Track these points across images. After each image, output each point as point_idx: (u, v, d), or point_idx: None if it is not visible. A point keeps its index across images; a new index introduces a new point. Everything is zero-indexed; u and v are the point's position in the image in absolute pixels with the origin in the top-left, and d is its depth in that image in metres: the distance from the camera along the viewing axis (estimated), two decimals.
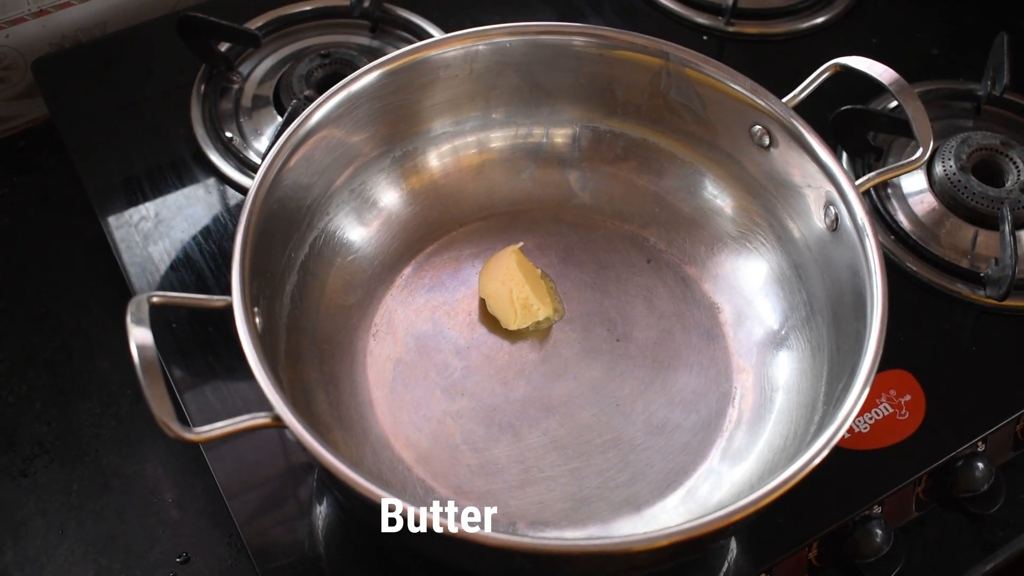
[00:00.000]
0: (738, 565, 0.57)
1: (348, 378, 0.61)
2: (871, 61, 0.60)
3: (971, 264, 0.69)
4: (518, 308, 0.62)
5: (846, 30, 0.84)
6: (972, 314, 0.67)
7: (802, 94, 0.61)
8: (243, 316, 0.50)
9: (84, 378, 0.67)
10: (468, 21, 0.78)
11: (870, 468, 0.60)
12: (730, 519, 0.45)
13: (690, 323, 0.64)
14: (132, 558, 0.60)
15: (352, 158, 0.63)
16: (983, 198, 0.70)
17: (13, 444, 0.64)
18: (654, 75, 0.63)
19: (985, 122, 0.77)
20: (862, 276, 0.54)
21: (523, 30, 0.63)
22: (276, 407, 0.47)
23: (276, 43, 0.79)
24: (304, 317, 0.60)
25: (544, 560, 0.47)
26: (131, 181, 0.71)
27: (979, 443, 0.62)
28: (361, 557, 0.57)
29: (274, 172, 0.56)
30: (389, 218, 0.66)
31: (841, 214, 0.57)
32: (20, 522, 0.61)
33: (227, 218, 0.70)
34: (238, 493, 0.58)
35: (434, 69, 0.63)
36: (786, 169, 0.61)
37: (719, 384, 0.61)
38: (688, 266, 0.66)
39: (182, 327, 0.64)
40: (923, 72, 0.79)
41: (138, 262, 0.67)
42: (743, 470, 0.58)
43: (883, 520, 0.59)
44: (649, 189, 0.68)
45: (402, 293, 0.65)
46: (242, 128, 0.74)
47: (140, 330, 0.46)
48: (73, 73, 0.77)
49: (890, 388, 0.63)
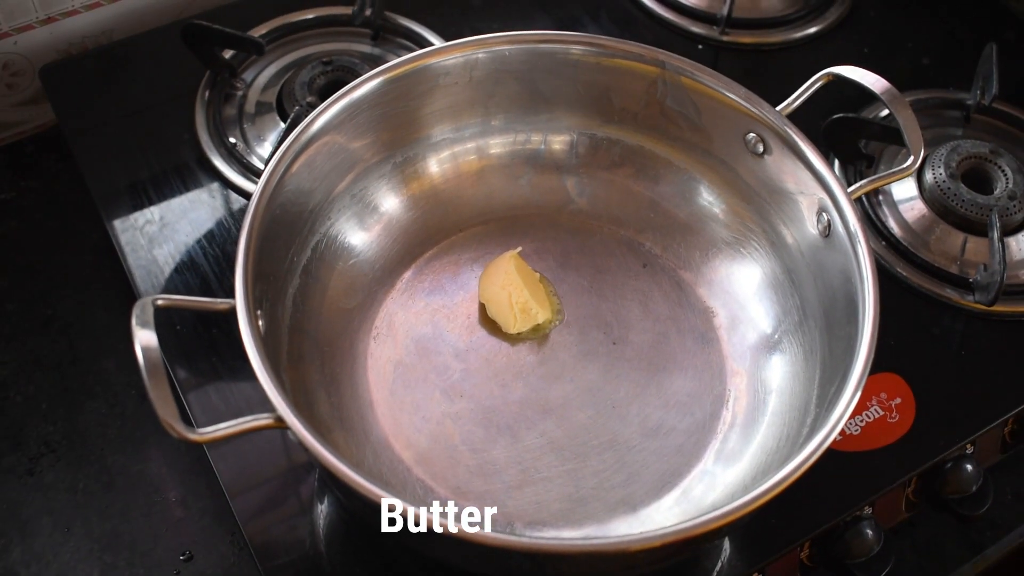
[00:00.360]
0: (731, 565, 0.58)
1: (349, 380, 0.61)
2: (863, 71, 0.61)
3: (960, 270, 0.70)
4: (517, 312, 0.63)
5: (838, 40, 0.84)
6: (961, 319, 0.68)
7: (795, 102, 0.61)
8: (246, 319, 0.50)
9: (90, 379, 0.68)
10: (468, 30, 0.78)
11: (861, 470, 0.61)
12: (724, 520, 0.46)
13: (685, 327, 0.65)
14: (136, 555, 0.61)
15: (353, 164, 0.63)
16: (972, 205, 0.71)
17: (20, 444, 0.65)
18: (650, 83, 0.64)
19: (974, 131, 0.78)
20: (854, 281, 0.55)
21: (522, 39, 0.64)
22: (278, 408, 0.47)
23: (279, 50, 0.80)
24: (306, 320, 0.60)
25: (541, 560, 0.47)
26: (136, 185, 0.72)
27: (968, 445, 0.63)
28: (361, 556, 0.58)
29: (277, 177, 0.56)
30: (390, 223, 0.66)
31: (834, 220, 0.57)
32: (27, 520, 0.62)
33: (231, 222, 0.70)
34: (241, 492, 0.59)
35: (434, 76, 0.63)
36: (779, 176, 0.62)
37: (713, 387, 0.62)
38: (683, 271, 0.67)
39: (186, 329, 0.65)
40: (914, 81, 0.79)
41: (143, 265, 0.68)
42: (737, 471, 0.58)
43: (873, 521, 0.60)
44: (645, 195, 0.68)
45: (402, 296, 0.65)
46: (245, 134, 0.75)
47: (145, 332, 0.47)
48: (80, 79, 0.77)
49: (881, 391, 0.64)
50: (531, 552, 0.46)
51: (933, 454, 0.62)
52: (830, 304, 0.58)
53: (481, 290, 0.65)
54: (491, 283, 0.65)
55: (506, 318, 0.63)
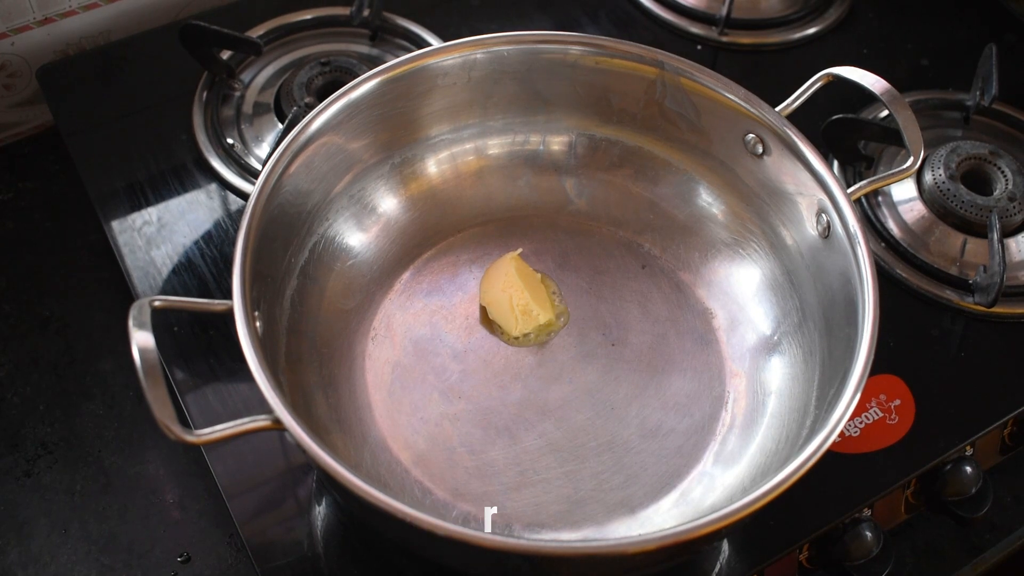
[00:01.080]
0: (730, 566, 0.58)
1: (347, 381, 0.61)
2: (863, 71, 0.61)
3: (960, 271, 0.70)
4: (518, 315, 0.63)
5: (837, 41, 0.84)
6: (961, 320, 0.68)
7: (795, 103, 0.61)
8: (244, 320, 0.50)
9: (87, 380, 0.68)
10: (466, 30, 0.79)
11: (860, 471, 0.61)
12: (723, 522, 0.46)
13: (684, 328, 0.65)
14: (134, 557, 0.61)
15: (352, 164, 0.63)
16: (972, 206, 0.71)
17: (17, 445, 0.65)
18: (649, 84, 0.64)
19: (974, 132, 0.78)
20: (853, 283, 0.55)
21: (520, 39, 0.63)
22: (276, 410, 0.47)
23: (277, 51, 0.79)
24: (304, 321, 0.60)
25: (540, 561, 0.47)
26: (134, 186, 0.72)
27: (967, 447, 0.63)
28: (359, 557, 0.58)
29: (275, 178, 0.56)
30: (388, 224, 0.66)
31: (833, 221, 0.57)
32: (24, 522, 0.62)
33: (228, 223, 0.70)
34: (238, 494, 0.59)
35: (433, 77, 0.63)
36: (779, 177, 0.62)
37: (712, 388, 0.62)
38: (682, 272, 0.67)
39: (184, 330, 0.65)
40: (913, 83, 0.80)
41: (141, 266, 0.68)
42: (736, 473, 0.58)
43: (873, 523, 0.60)
44: (644, 196, 0.68)
45: (400, 298, 0.65)
46: (243, 135, 0.75)
47: (142, 334, 0.47)
48: (77, 80, 0.77)
49: (880, 393, 0.64)
50: (529, 554, 0.46)
51: (933, 456, 0.62)
52: (829, 305, 0.58)
53: (482, 293, 0.65)
54: (492, 286, 0.64)
55: (508, 321, 0.63)
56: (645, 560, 0.49)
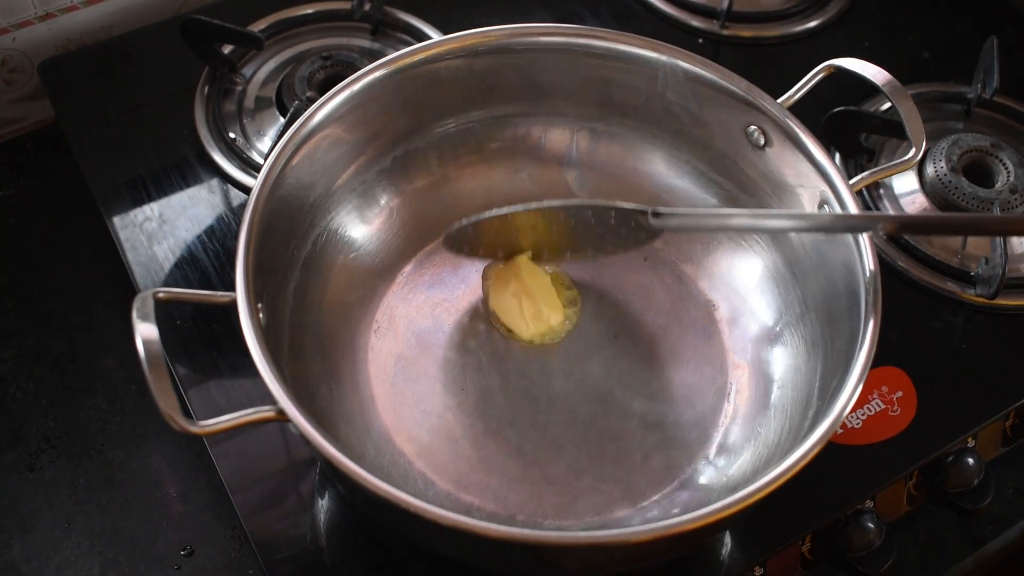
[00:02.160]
0: (733, 558, 0.58)
1: (350, 373, 0.61)
2: (865, 63, 0.61)
3: (961, 263, 0.70)
4: (528, 319, 0.63)
5: (838, 34, 0.84)
6: (963, 312, 0.68)
7: (796, 95, 0.61)
8: (247, 312, 0.50)
9: (90, 375, 0.68)
10: (467, 24, 0.78)
11: (862, 463, 0.61)
12: (725, 513, 0.46)
13: (686, 320, 0.65)
14: (137, 551, 0.61)
15: (354, 157, 0.63)
16: (973, 199, 0.71)
17: (20, 439, 0.65)
18: (651, 76, 0.64)
19: (975, 124, 0.78)
20: (856, 274, 0.55)
21: (522, 32, 0.64)
22: (280, 401, 0.47)
23: (278, 45, 0.79)
24: (307, 313, 0.60)
25: (542, 552, 0.47)
26: (136, 182, 0.72)
27: (969, 439, 0.63)
28: (362, 549, 0.58)
29: (277, 171, 0.56)
30: (390, 216, 0.66)
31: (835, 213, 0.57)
32: (27, 516, 0.62)
33: (230, 217, 0.70)
34: (241, 487, 0.59)
35: (434, 70, 0.63)
36: (781, 169, 0.62)
37: (715, 380, 0.62)
38: (684, 264, 0.67)
39: (186, 324, 0.65)
40: (914, 75, 0.79)
41: (143, 261, 0.68)
42: (738, 464, 0.58)
43: (875, 514, 0.60)
44: (646, 188, 0.68)
45: (403, 290, 0.65)
46: (245, 129, 0.75)
47: (145, 325, 0.47)
48: (79, 75, 0.77)
49: (882, 384, 0.64)
50: (532, 545, 0.46)
51: (934, 448, 0.62)
52: (832, 297, 0.58)
53: (491, 297, 0.65)
54: (501, 290, 0.64)
55: (518, 325, 0.63)
56: (648, 551, 0.49)
